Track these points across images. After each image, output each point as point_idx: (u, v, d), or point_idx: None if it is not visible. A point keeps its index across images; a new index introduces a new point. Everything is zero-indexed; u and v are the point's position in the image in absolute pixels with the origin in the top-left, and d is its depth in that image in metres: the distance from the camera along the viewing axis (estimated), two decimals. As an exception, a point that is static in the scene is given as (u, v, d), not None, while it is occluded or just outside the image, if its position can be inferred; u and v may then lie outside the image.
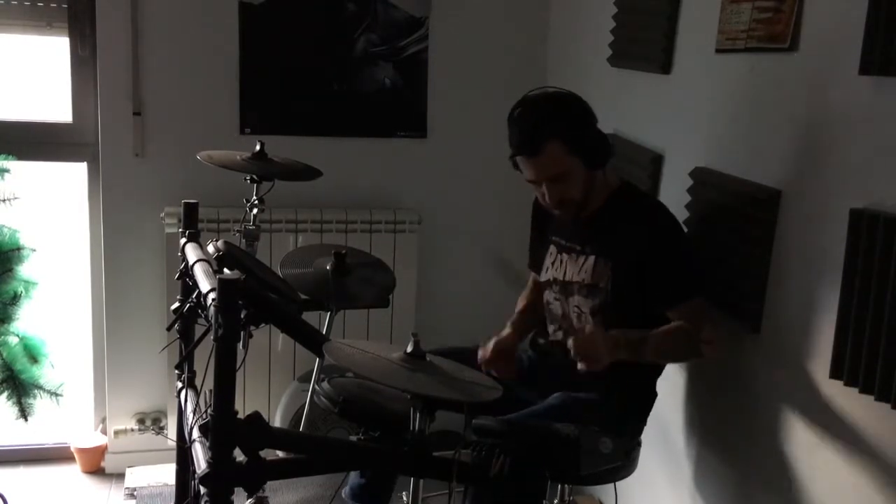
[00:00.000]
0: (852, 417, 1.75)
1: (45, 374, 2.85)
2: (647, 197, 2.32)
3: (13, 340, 2.83)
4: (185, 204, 2.40)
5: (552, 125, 2.04)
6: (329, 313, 2.52)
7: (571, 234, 2.23)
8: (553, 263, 2.28)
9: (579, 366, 1.93)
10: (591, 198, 2.15)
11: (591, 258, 2.16)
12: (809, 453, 1.89)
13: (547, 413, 2.10)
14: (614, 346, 1.96)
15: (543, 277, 2.32)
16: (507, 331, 2.31)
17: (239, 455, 1.65)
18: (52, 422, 3.13)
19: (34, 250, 2.85)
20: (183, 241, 2.33)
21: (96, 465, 3.36)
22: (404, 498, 1.89)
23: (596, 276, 2.14)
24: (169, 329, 2.35)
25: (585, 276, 2.16)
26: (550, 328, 2.32)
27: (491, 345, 2.24)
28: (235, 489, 1.66)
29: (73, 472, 3.34)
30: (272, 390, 3.23)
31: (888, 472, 1.65)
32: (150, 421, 3.33)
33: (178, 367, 2.40)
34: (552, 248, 2.30)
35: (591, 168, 2.09)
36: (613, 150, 2.14)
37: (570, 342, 1.95)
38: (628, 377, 2.11)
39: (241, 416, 1.64)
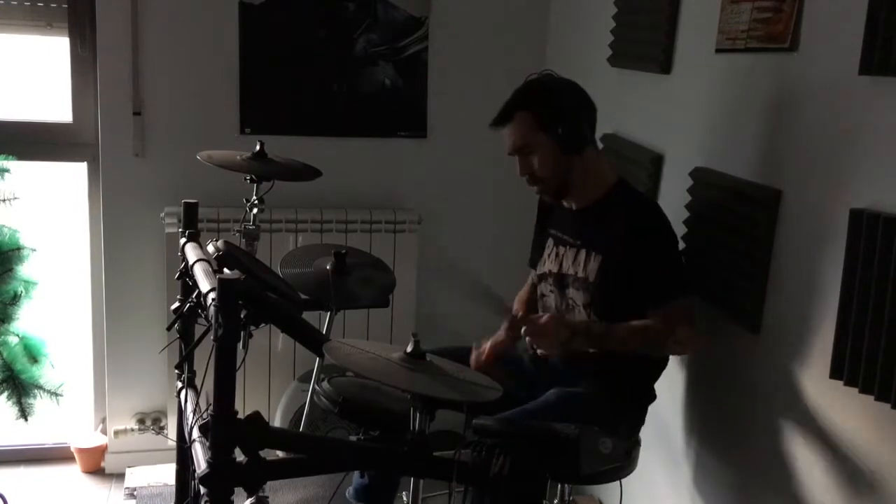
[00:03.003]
0: (852, 417, 1.75)
1: (45, 374, 2.85)
2: (642, 196, 2.31)
3: (13, 340, 2.83)
4: (185, 204, 2.40)
5: (526, 98, 2.14)
6: (329, 313, 2.52)
7: (568, 227, 2.26)
8: (549, 256, 2.30)
9: (539, 351, 2.04)
10: (583, 188, 2.18)
11: (584, 252, 2.18)
12: (809, 453, 1.89)
13: (541, 409, 2.11)
14: (571, 332, 1.99)
15: (539, 270, 2.33)
16: (501, 333, 2.28)
17: (239, 455, 1.65)
18: (52, 422, 3.13)
19: (34, 250, 2.85)
20: (183, 240, 2.33)
21: (96, 465, 3.36)
22: (404, 498, 1.89)
23: (587, 269, 2.16)
24: (169, 329, 2.35)
25: (578, 270, 2.18)
26: None
27: (487, 347, 2.25)
28: (235, 489, 1.66)
29: (73, 472, 3.34)
30: (272, 390, 3.23)
31: (888, 472, 1.65)
32: (150, 421, 3.33)
33: (178, 367, 2.40)
34: (550, 241, 2.32)
35: (565, 151, 2.12)
36: (587, 140, 2.16)
37: (523, 329, 2.00)
38: (622, 373, 2.13)
39: (241, 416, 1.64)
